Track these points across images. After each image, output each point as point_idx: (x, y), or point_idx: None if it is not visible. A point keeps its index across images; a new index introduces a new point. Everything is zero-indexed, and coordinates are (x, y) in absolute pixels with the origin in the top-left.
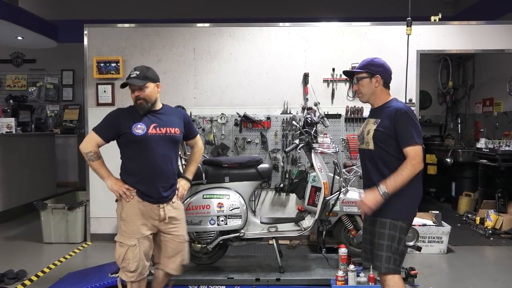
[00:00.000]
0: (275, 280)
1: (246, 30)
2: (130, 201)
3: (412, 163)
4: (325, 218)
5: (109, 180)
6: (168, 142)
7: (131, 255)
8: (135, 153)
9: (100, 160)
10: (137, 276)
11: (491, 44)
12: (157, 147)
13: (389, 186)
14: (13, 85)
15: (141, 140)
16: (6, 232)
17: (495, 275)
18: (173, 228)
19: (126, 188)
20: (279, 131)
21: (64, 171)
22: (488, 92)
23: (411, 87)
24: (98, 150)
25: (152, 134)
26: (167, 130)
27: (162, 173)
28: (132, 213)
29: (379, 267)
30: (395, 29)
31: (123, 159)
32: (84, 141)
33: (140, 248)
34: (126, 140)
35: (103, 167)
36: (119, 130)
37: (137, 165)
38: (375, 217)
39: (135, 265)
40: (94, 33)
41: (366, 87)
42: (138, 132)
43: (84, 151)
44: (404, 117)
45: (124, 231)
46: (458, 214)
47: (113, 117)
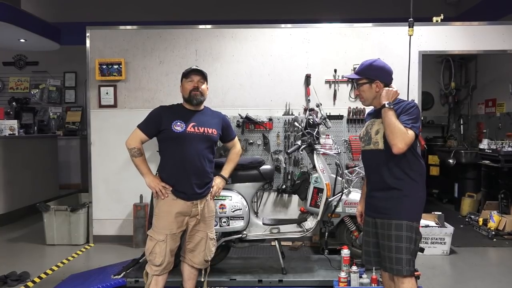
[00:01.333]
0: (277, 281)
1: (248, 31)
2: (165, 199)
3: (404, 137)
4: (328, 219)
5: (148, 177)
6: (205, 141)
7: (158, 250)
8: (172, 149)
9: (142, 157)
10: (161, 271)
11: (493, 45)
12: (193, 145)
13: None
14: (16, 87)
15: (178, 137)
16: (9, 234)
17: (499, 277)
18: (201, 225)
19: (162, 186)
20: (281, 132)
21: (66, 173)
22: (490, 93)
23: (413, 88)
24: (141, 146)
25: (190, 132)
26: (205, 130)
27: (197, 170)
28: (164, 210)
29: (400, 271)
30: (397, 30)
31: (161, 155)
32: (129, 137)
33: (167, 244)
34: (165, 136)
35: (144, 164)
36: (160, 126)
37: (172, 161)
38: (386, 219)
39: (161, 260)
40: (97, 35)
41: (367, 93)
42: (177, 129)
43: (129, 147)
44: (410, 107)
45: (156, 226)
46: (461, 215)
47: (156, 113)
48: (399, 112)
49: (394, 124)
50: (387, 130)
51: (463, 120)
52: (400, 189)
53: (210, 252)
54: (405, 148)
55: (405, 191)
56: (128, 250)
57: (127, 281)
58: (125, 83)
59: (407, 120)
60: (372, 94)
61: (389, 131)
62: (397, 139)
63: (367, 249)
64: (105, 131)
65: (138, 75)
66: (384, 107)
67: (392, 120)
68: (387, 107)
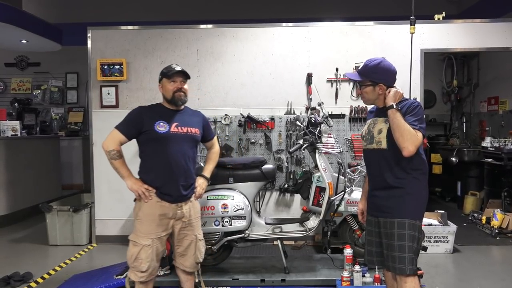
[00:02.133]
0: (280, 281)
1: (249, 31)
2: (148, 201)
3: (414, 139)
4: (330, 219)
5: (129, 179)
6: (189, 141)
7: (144, 255)
8: (155, 150)
9: (121, 159)
10: (147, 277)
11: (495, 42)
12: (177, 145)
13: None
14: (18, 88)
15: (162, 138)
16: (12, 234)
17: (502, 275)
18: (187, 227)
19: (145, 188)
20: (283, 131)
21: (69, 174)
22: (493, 91)
23: (415, 86)
24: (120, 148)
25: (174, 133)
26: (188, 129)
27: (182, 171)
28: (149, 213)
29: (403, 270)
30: (399, 28)
31: (143, 157)
32: (106, 139)
33: (153, 248)
34: (148, 137)
35: (124, 167)
36: (141, 127)
37: (157, 163)
38: (389, 218)
39: (147, 265)
40: (98, 35)
41: (370, 94)
42: (161, 130)
43: (107, 149)
44: (415, 107)
45: (139, 231)
46: (464, 213)
47: (136, 114)
48: (404, 112)
49: (404, 126)
50: (396, 132)
51: (465, 118)
52: (403, 188)
53: (200, 253)
54: (415, 150)
55: (407, 189)
56: None
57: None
58: (127, 83)
59: (414, 121)
60: (374, 96)
61: (398, 133)
62: (408, 142)
63: (370, 249)
64: (107, 131)
65: (139, 75)
66: (392, 108)
67: (401, 122)
68: (395, 108)
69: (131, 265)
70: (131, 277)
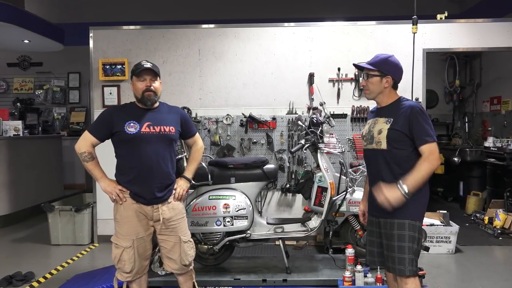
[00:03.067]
0: (282, 281)
1: (250, 30)
2: (123, 203)
3: (429, 159)
4: (332, 219)
5: (103, 181)
6: (162, 140)
7: (126, 257)
8: (127, 152)
9: (94, 161)
10: (132, 276)
11: (498, 42)
12: (150, 146)
13: (410, 186)
14: (20, 88)
15: (133, 139)
16: (14, 234)
17: (505, 275)
18: (168, 229)
19: (119, 189)
20: (285, 131)
21: (71, 174)
22: (495, 91)
23: (418, 86)
24: (92, 150)
25: (145, 133)
26: (162, 128)
27: (155, 172)
28: (126, 215)
29: (403, 271)
30: (401, 28)
31: (117, 158)
32: (78, 141)
33: (135, 249)
34: (119, 139)
35: (97, 168)
36: (112, 129)
37: (130, 164)
38: (389, 218)
39: (131, 266)
40: (100, 35)
41: (375, 85)
42: (131, 131)
43: (79, 151)
44: (420, 114)
45: (119, 233)
46: (466, 213)
47: (106, 115)
48: (408, 120)
49: (421, 179)
50: (425, 179)
51: (468, 118)
52: None
53: (186, 256)
54: (439, 158)
55: None
56: None
57: None
58: (129, 83)
59: (425, 136)
60: (379, 88)
61: (425, 178)
62: (432, 169)
63: (371, 249)
64: None
65: None
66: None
67: (418, 183)
68: (405, 196)
69: (116, 266)
70: (118, 277)
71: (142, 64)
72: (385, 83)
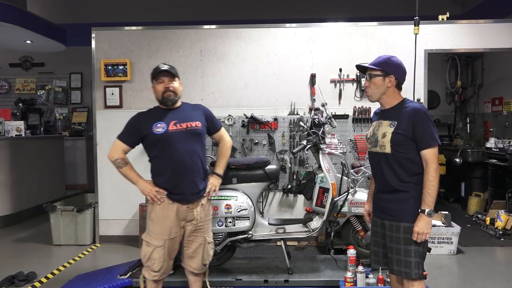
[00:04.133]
0: (283, 281)
1: (252, 31)
2: (161, 204)
3: (433, 168)
4: (333, 219)
5: (140, 183)
6: (191, 136)
7: (156, 256)
8: (159, 152)
9: (128, 166)
10: (160, 276)
11: (500, 43)
12: (179, 143)
13: (430, 204)
14: (22, 88)
15: (162, 138)
16: (16, 234)
17: (507, 276)
18: (197, 229)
19: (156, 191)
20: (287, 132)
21: (73, 174)
22: (497, 91)
23: (419, 87)
24: (124, 156)
25: (173, 131)
26: (188, 124)
27: (188, 168)
28: (161, 215)
29: (410, 274)
30: (403, 29)
31: (151, 161)
32: (110, 149)
33: (166, 249)
34: (149, 141)
35: (132, 172)
36: (141, 133)
37: (163, 164)
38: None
39: (160, 265)
40: (102, 36)
41: (378, 86)
42: (159, 131)
43: (112, 159)
44: (424, 117)
45: (152, 232)
46: (467, 214)
47: (133, 121)
48: (412, 123)
49: (435, 192)
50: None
51: (469, 119)
52: (408, 191)
53: (208, 256)
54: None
55: (412, 193)
56: (134, 250)
57: (133, 281)
58: (131, 84)
59: (428, 140)
60: (382, 89)
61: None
62: (438, 176)
63: (376, 249)
64: (111, 131)
65: (143, 75)
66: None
67: (434, 197)
68: (431, 215)
69: (144, 264)
70: (145, 275)
71: (158, 67)
72: (388, 83)
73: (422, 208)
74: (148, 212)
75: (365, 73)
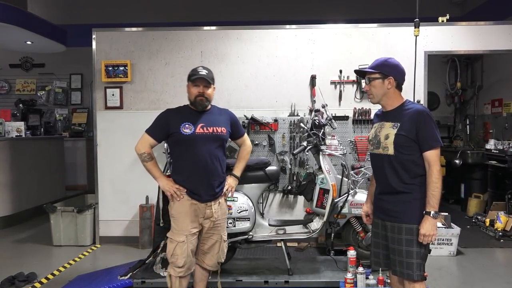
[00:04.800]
0: (283, 282)
1: (253, 33)
2: (180, 200)
3: (436, 169)
4: (334, 220)
5: (161, 180)
6: (215, 141)
7: (179, 251)
8: (183, 152)
9: (153, 161)
10: (185, 272)
11: (499, 45)
12: (203, 146)
13: (435, 205)
14: (22, 89)
15: (188, 139)
16: (16, 235)
17: (507, 278)
18: (214, 227)
19: (177, 188)
20: (287, 133)
21: (73, 175)
22: (497, 93)
23: (419, 88)
24: (151, 151)
25: (199, 134)
26: (214, 129)
27: (209, 171)
28: (181, 211)
29: (411, 275)
30: (403, 30)
31: (173, 158)
32: (138, 142)
33: (188, 244)
34: (175, 139)
35: (155, 168)
36: (168, 130)
37: (185, 164)
38: (396, 223)
39: (183, 261)
40: (102, 37)
41: (378, 88)
42: (186, 132)
43: (139, 152)
44: (427, 119)
45: (174, 228)
46: (467, 216)
47: (163, 117)
48: (415, 124)
49: (439, 194)
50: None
51: (469, 120)
52: (410, 193)
53: (223, 254)
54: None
55: (415, 194)
56: (135, 251)
57: (134, 282)
58: (131, 85)
59: (431, 142)
60: (382, 91)
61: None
62: (441, 178)
63: (377, 251)
64: (111, 132)
65: (143, 76)
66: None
67: (439, 199)
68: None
69: (169, 260)
70: (170, 272)
71: (198, 71)
72: (388, 85)
73: (427, 210)
74: (170, 211)
75: (364, 77)
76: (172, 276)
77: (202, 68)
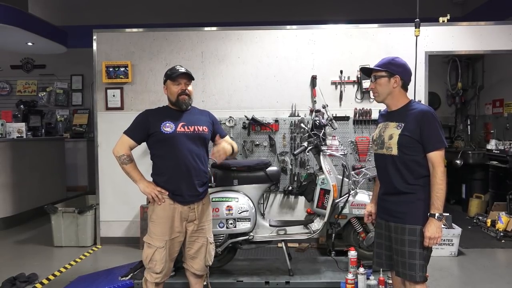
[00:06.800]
0: (284, 283)
1: (253, 33)
2: (161, 204)
3: (440, 170)
4: (334, 221)
5: (141, 183)
6: (197, 140)
7: (158, 257)
8: (164, 151)
9: (132, 163)
10: (162, 278)
11: (500, 45)
12: (185, 145)
13: (440, 207)
14: (23, 90)
15: (169, 138)
16: (17, 235)
17: (508, 278)
18: (199, 230)
19: (158, 190)
20: (287, 133)
21: (74, 175)
22: (498, 93)
23: (420, 89)
24: (130, 153)
25: (181, 132)
26: (196, 128)
27: (192, 170)
28: (162, 215)
29: (414, 277)
30: (403, 31)
31: (153, 159)
32: (116, 144)
33: (167, 250)
34: (155, 139)
35: (135, 170)
36: (148, 130)
37: (167, 164)
38: (400, 223)
39: (161, 267)
40: (103, 38)
41: (384, 87)
42: (167, 130)
43: (117, 154)
44: (432, 119)
45: (153, 233)
46: (468, 216)
47: (142, 118)
48: (419, 125)
49: (444, 195)
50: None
51: (470, 121)
52: (414, 193)
53: (210, 256)
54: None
55: (418, 195)
56: (135, 251)
57: (135, 283)
58: (132, 86)
59: (436, 143)
60: (388, 90)
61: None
62: (445, 179)
63: (379, 251)
64: (112, 133)
65: (144, 77)
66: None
67: (443, 200)
68: (441, 219)
69: (146, 266)
70: (147, 277)
71: (177, 69)
72: (394, 84)
73: (431, 212)
74: (149, 214)
75: (369, 76)
76: (148, 282)
77: (179, 66)
